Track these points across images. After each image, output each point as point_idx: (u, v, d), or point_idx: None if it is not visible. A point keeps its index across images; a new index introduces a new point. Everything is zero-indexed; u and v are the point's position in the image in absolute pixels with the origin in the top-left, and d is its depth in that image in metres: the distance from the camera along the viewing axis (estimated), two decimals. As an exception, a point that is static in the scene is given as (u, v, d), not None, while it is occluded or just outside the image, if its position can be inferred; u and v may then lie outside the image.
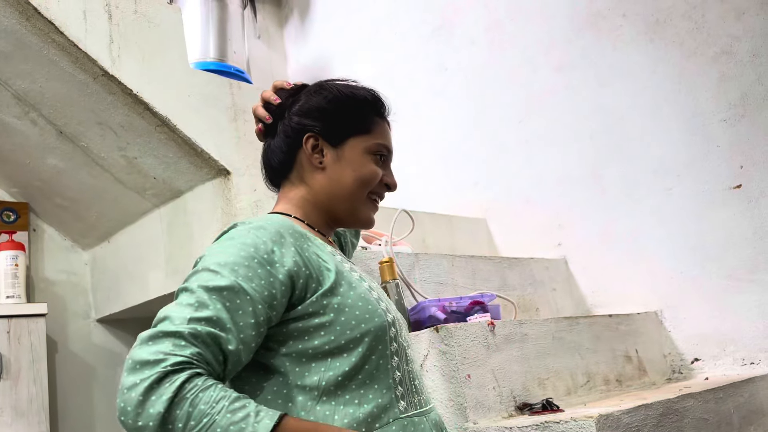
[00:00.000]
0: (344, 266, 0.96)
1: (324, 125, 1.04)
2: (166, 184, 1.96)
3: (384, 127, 1.08)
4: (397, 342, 0.94)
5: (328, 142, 1.04)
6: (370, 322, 0.89)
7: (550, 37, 2.28)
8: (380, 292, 1.00)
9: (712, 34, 1.88)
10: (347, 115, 1.05)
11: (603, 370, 1.67)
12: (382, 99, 1.10)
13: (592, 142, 2.15)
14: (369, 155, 1.04)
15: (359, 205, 1.05)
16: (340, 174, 1.03)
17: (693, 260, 1.91)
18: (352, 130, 1.04)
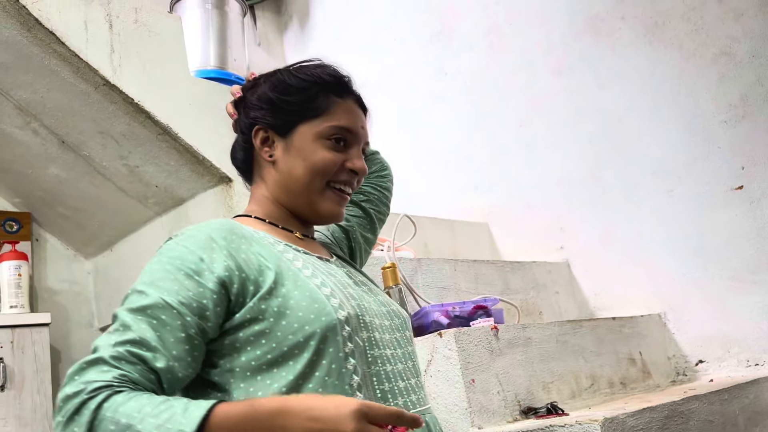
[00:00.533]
0: (295, 263, 0.88)
1: (271, 115, 0.97)
2: (167, 192, 1.97)
3: (344, 107, 0.98)
4: (354, 341, 0.84)
5: (277, 133, 0.96)
6: (316, 322, 0.81)
7: (548, 41, 2.29)
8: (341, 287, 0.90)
9: (711, 36, 1.89)
10: (293, 100, 0.96)
11: (607, 372, 1.67)
12: (338, 76, 1.00)
13: (592, 144, 2.15)
14: (321, 140, 0.95)
15: (316, 197, 0.96)
16: (290, 166, 0.95)
17: (695, 262, 1.91)
18: (299, 115, 0.96)
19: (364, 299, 0.92)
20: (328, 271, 0.93)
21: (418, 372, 0.97)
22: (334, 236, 1.15)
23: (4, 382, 1.98)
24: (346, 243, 1.16)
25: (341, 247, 1.15)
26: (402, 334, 0.96)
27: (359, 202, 1.19)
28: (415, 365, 0.97)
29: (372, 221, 1.20)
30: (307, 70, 1.00)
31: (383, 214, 1.23)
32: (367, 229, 1.19)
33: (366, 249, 1.20)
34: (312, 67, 1.01)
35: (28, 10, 1.51)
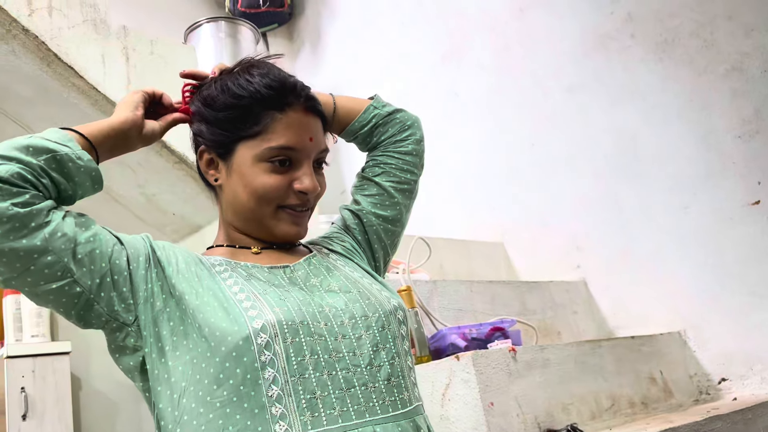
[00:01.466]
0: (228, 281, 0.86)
1: (210, 134, 0.90)
2: (185, 219, 1.99)
3: (285, 122, 0.89)
4: (273, 350, 0.79)
5: (218, 155, 0.91)
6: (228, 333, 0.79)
7: (559, 60, 2.30)
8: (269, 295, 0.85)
9: (721, 52, 1.89)
10: (226, 118, 0.89)
11: (628, 393, 1.65)
12: (276, 86, 0.89)
13: (606, 162, 2.15)
14: (261, 163, 0.88)
15: (268, 221, 0.90)
16: (234, 191, 0.90)
17: (714, 278, 1.89)
18: (236, 135, 0.89)
19: (307, 304, 0.85)
20: (268, 279, 0.89)
21: (394, 372, 0.86)
22: (347, 224, 1.08)
23: (26, 411, 1.99)
24: (360, 228, 1.07)
25: (354, 234, 1.07)
26: (372, 333, 0.87)
27: (372, 178, 1.08)
28: (389, 366, 0.86)
29: (391, 195, 1.07)
30: (243, 80, 0.90)
31: (407, 182, 1.10)
32: (386, 206, 1.07)
33: (388, 228, 1.08)
34: (251, 75, 0.91)
35: (47, 45, 1.55)
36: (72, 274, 0.79)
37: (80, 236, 0.81)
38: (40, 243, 0.76)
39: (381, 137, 1.10)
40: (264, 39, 3.37)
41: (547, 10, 2.34)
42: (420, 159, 1.14)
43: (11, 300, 2.20)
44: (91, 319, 0.83)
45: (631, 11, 2.09)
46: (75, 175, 0.82)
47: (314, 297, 0.88)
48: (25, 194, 0.75)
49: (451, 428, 1.33)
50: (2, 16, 1.51)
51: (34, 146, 0.79)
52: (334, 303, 0.88)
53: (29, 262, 0.76)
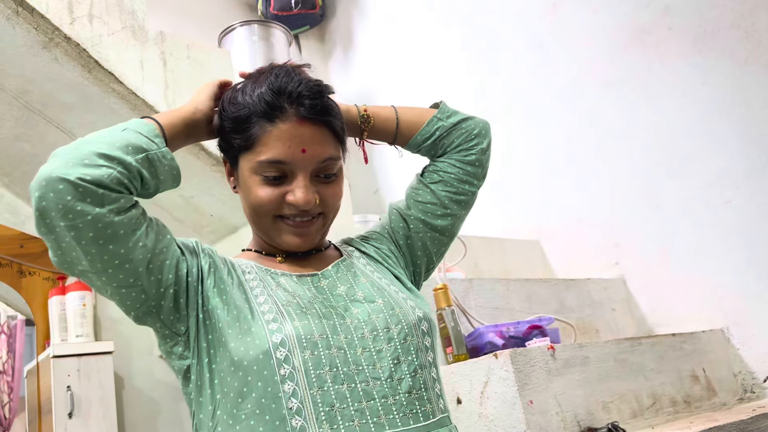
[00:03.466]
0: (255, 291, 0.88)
1: (224, 145, 0.94)
2: (222, 220, 2.02)
3: (275, 135, 0.86)
4: (291, 363, 0.81)
5: (231, 164, 0.94)
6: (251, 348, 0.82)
7: (595, 55, 2.27)
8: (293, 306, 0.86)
9: (763, 42, 1.84)
10: (230, 129, 0.90)
11: (669, 391, 1.62)
12: (268, 98, 0.87)
13: (645, 157, 2.11)
14: (256, 176, 0.88)
15: (270, 231, 0.92)
16: (243, 200, 0.93)
17: (758, 274, 1.84)
18: (238, 147, 0.89)
19: (327, 316, 0.86)
20: (294, 290, 0.89)
21: (416, 385, 0.86)
22: (392, 225, 1.07)
23: (72, 409, 2.05)
24: (404, 233, 1.06)
25: (396, 237, 1.06)
26: (393, 346, 0.87)
27: (429, 184, 1.06)
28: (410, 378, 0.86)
29: (445, 205, 1.06)
30: (248, 89, 0.90)
31: (465, 193, 1.08)
32: (438, 216, 1.05)
33: (436, 237, 1.07)
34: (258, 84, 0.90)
35: (88, 53, 1.59)
36: (142, 282, 0.82)
37: (156, 247, 0.83)
38: (124, 251, 0.79)
39: (446, 148, 1.08)
40: (296, 41, 3.40)
41: (581, 5, 2.31)
42: (483, 169, 1.12)
43: (56, 301, 2.26)
44: (146, 322, 0.87)
45: (668, 3, 2.06)
46: (161, 173, 0.84)
47: (337, 308, 0.89)
48: (120, 199, 0.77)
49: (490, 426, 1.32)
50: (45, 25, 1.56)
51: (133, 145, 0.80)
52: (357, 314, 0.88)
53: (109, 265, 0.79)
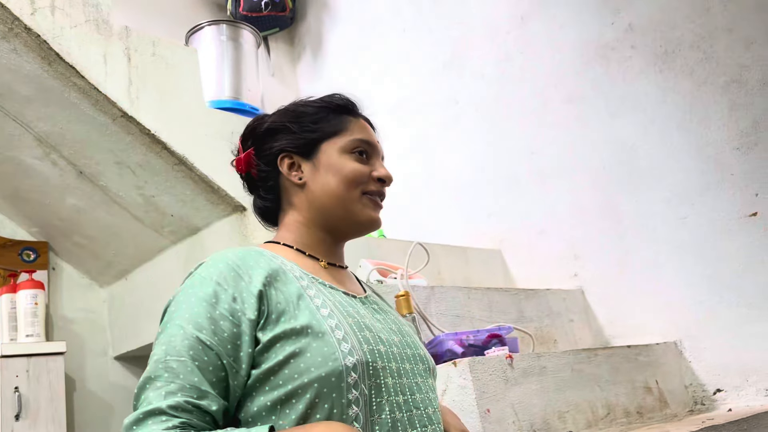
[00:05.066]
0: (315, 300, 0.88)
1: (291, 140, 1.01)
2: (183, 221, 1.99)
3: (358, 124, 1.04)
4: (359, 389, 0.83)
5: (302, 156, 1.00)
6: (322, 366, 0.81)
7: (560, 70, 2.30)
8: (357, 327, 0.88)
9: (721, 64, 1.90)
10: (310, 123, 1.02)
11: (623, 402, 1.65)
12: (347, 98, 1.06)
13: (605, 172, 2.15)
14: (347, 154, 1.00)
15: (354, 206, 0.99)
16: (323, 183, 0.98)
17: (710, 289, 1.89)
18: (320, 136, 1.01)
19: (382, 342, 0.91)
20: (349, 310, 0.92)
21: (437, 419, 0.95)
22: None
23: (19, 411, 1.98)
24: None
25: None
26: (423, 380, 0.95)
27: None
28: (435, 413, 0.95)
29: None
30: (314, 99, 1.06)
31: None
32: None
33: None
34: (319, 97, 1.06)
35: (49, 45, 1.55)
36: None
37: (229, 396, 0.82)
38: None
39: None
40: (265, 43, 3.37)
41: (548, 20, 2.35)
42: None
43: (6, 299, 2.19)
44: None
45: (632, 22, 2.11)
46: None
47: (384, 337, 0.93)
48: None
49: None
50: (4, 15, 1.51)
51: None
52: (395, 346, 0.94)
53: None
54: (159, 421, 0.74)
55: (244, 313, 0.83)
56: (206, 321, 0.81)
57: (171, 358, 0.79)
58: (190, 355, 0.79)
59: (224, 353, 0.80)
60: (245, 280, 0.86)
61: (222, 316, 0.82)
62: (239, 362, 0.81)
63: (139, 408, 0.77)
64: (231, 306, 0.83)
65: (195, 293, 0.84)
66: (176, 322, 0.82)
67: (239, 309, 0.83)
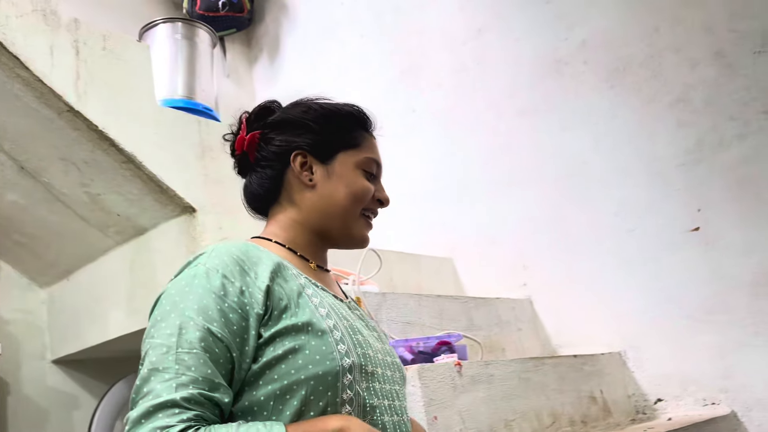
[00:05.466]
0: (313, 299, 0.88)
1: (311, 141, 1.00)
2: (129, 221, 1.93)
3: (372, 142, 1.06)
4: (354, 390, 0.84)
5: (317, 159, 1.00)
6: (319, 365, 0.81)
7: (514, 82, 2.34)
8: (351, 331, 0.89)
9: (668, 83, 1.96)
10: (334, 130, 1.02)
11: (568, 411, 1.68)
12: (366, 113, 1.08)
13: (556, 184, 2.19)
14: (359, 170, 1.01)
15: (353, 222, 1.00)
16: (331, 191, 0.98)
17: (654, 301, 1.94)
18: (340, 144, 1.01)
19: (370, 347, 0.92)
20: (342, 313, 0.92)
21: (409, 428, 0.96)
22: None
23: (-53, 415, 1.89)
24: None
25: None
26: (400, 388, 0.97)
27: None
28: (407, 422, 0.96)
29: None
30: (339, 104, 1.06)
31: None
32: None
33: None
34: (339, 102, 1.06)
35: (-7, 33, 1.49)
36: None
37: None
38: None
39: None
40: (221, 43, 3.33)
41: (504, 33, 2.39)
42: None
43: (-62, 298, 2.09)
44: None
45: (585, 39, 2.16)
46: None
47: (371, 341, 0.94)
48: None
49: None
50: (-54, 1, 1.45)
51: None
52: (378, 351, 0.95)
53: None
54: (171, 413, 0.71)
55: (252, 308, 0.82)
56: (217, 313, 0.79)
57: (182, 349, 0.76)
58: (202, 346, 0.76)
59: (234, 346, 0.79)
60: (251, 276, 0.85)
61: (231, 308, 0.81)
62: (244, 356, 0.80)
63: (144, 401, 0.73)
64: (240, 299, 0.82)
65: (202, 285, 0.82)
66: (185, 313, 0.79)
67: (247, 303, 0.82)
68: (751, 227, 1.77)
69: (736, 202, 1.80)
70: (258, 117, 1.05)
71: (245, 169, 1.05)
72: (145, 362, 0.77)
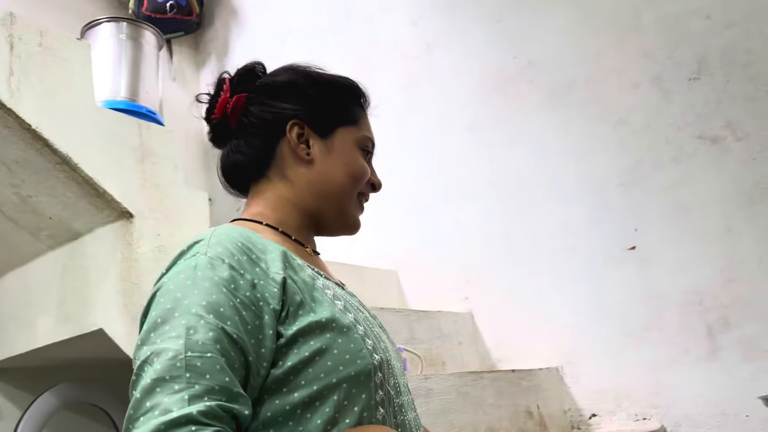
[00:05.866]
0: (326, 292, 0.79)
1: (309, 111, 0.90)
2: (63, 225, 1.86)
3: (368, 120, 0.98)
4: (384, 389, 0.76)
5: (315, 132, 0.90)
6: (351, 365, 0.72)
7: (463, 98, 2.36)
8: (367, 324, 0.81)
9: (611, 104, 2.01)
10: (334, 102, 0.93)
11: (506, 425, 1.69)
12: (364, 89, 1.00)
13: (500, 200, 2.22)
14: (358, 149, 0.93)
15: (348, 204, 0.92)
16: (330, 168, 0.89)
17: (591, 317, 1.98)
18: (340, 119, 0.92)
19: (382, 339, 0.83)
20: (353, 303, 0.84)
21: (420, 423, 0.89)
22: None
23: None
24: None
25: None
26: (405, 380, 0.88)
27: None
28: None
29: None
30: (334, 74, 0.98)
31: None
32: None
33: None
34: (335, 74, 0.98)
35: None
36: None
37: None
38: None
39: None
40: (168, 46, 3.26)
41: (454, 49, 2.41)
42: None
43: None
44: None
45: (531, 58, 2.20)
46: None
47: (383, 333, 0.87)
48: None
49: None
50: None
51: None
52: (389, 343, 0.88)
53: None
54: (188, 430, 0.59)
55: (268, 303, 0.71)
56: (230, 310, 0.68)
57: (193, 353, 0.64)
58: (218, 350, 0.65)
59: (250, 349, 0.68)
60: (261, 266, 0.74)
61: (244, 305, 0.70)
62: (261, 360, 0.69)
63: (149, 418, 0.60)
64: (252, 294, 0.71)
65: (207, 277, 0.70)
66: (192, 311, 0.67)
67: (260, 298, 0.71)
68: (683, 248, 1.83)
69: (670, 223, 1.86)
70: (244, 78, 0.95)
71: (223, 136, 0.93)
72: (147, 372, 0.64)
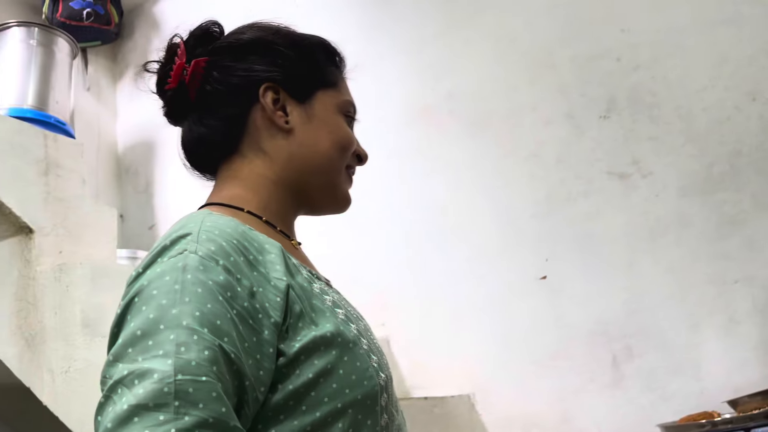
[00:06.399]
0: (325, 298, 0.68)
1: (283, 72, 0.77)
2: None
3: (346, 83, 0.85)
4: (389, 412, 0.66)
5: (292, 96, 0.78)
6: (357, 387, 0.62)
7: (384, 125, 2.38)
8: (368, 335, 0.71)
9: (524, 138, 2.08)
10: (311, 61, 0.79)
11: (416, 453, 1.68)
12: (338, 48, 0.85)
13: (417, 228, 2.24)
14: (340, 115, 0.81)
15: (338, 177, 0.81)
16: (313, 138, 0.77)
17: (502, 345, 2.02)
18: (318, 81, 0.80)
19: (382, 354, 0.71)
20: (353, 312, 0.74)
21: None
22: None
23: None
24: None
25: None
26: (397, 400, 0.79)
27: None
28: None
29: None
30: (305, 33, 0.83)
31: None
32: None
33: None
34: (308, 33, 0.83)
35: None
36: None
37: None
38: None
39: None
40: (83, 54, 3.13)
41: (376, 76, 2.43)
42: None
43: None
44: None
45: (450, 90, 2.25)
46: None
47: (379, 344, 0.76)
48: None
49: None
50: None
51: None
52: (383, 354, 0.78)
53: None
54: None
55: (268, 316, 0.59)
56: (227, 324, 0.56)
57: (183, 376, 0.52)
58: (215, 372, 0.53)
59: (247, 372, 0.56)
60: (260, 270, 0.62)
61: (241, 317, 0.58)
62: (259, 384, 0.58)
63: None
64: (250, 304, 0.59)
65: (199, 281, 0.57)
66: (182, 323, 0.55)
67: (260, 309, 0.59)
68: (590, 280, 1.90)
69: (579, 255, 1.93)
70: (201, 40, 0.79)
71: (181, 109, 0.79)
72: (122, 395, 0.52)
